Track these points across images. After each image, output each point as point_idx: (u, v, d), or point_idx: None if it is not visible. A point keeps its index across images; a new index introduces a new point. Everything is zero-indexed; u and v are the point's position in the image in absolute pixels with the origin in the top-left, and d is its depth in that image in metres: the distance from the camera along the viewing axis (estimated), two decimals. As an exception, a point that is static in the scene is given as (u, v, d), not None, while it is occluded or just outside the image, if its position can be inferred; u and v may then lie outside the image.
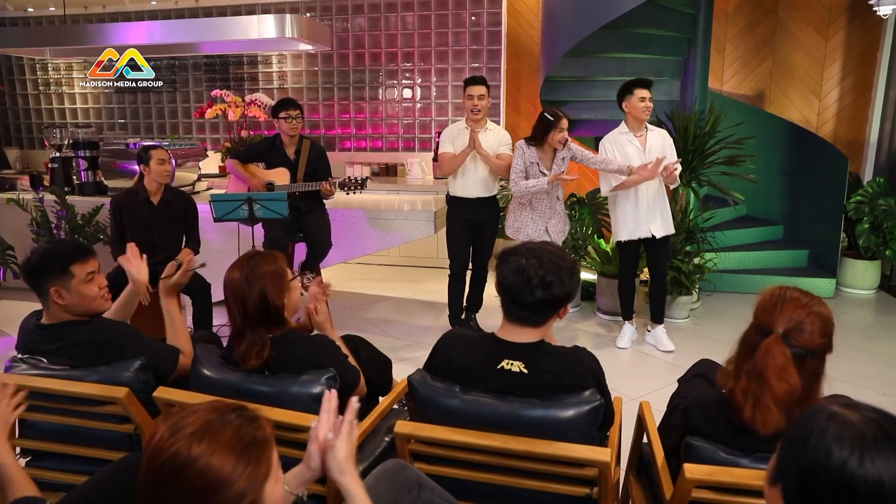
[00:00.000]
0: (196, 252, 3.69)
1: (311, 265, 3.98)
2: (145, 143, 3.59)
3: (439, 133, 6.08)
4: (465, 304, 4.22)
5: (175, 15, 6.38)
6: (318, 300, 2.06)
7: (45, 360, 1.91)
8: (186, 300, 3.60)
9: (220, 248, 4.46)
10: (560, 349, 1.66)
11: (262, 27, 4.35)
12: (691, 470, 1.42)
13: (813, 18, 5.62)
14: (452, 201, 3.95)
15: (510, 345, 1.62)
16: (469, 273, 4.14)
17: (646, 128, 3.72)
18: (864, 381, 3.49)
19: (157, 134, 6.73)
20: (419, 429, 1.60)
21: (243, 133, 6.26)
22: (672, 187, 3.89)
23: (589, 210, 4.76)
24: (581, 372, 1.62)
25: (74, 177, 4.86)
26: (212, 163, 6.16)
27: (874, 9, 4.87)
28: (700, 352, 3.99)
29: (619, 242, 3.87)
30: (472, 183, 3.87)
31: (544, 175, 3.66)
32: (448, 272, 4.08)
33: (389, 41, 6.23)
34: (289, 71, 6.47)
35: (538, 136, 3.66)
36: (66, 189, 4.74)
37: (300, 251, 4.23)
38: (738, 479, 1.40)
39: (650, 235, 3.73)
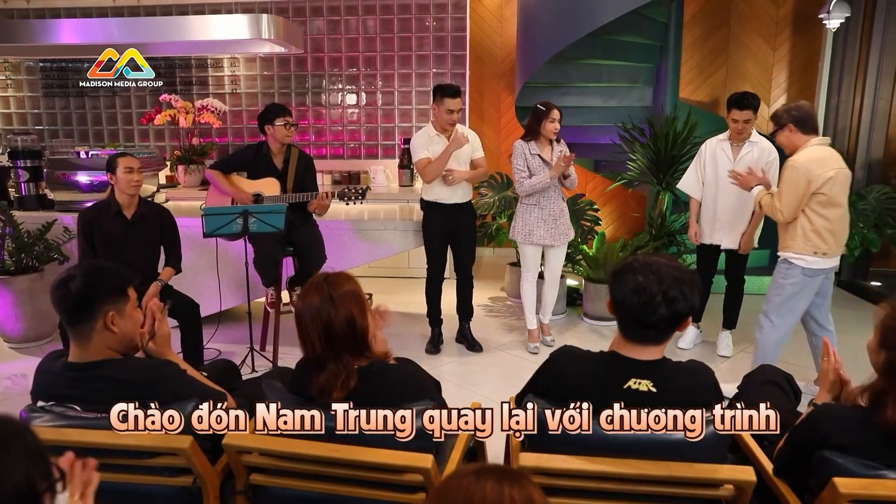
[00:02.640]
0: (178, 270, 3.37)
1: (302, 281, 3.72)
2: (115, 152, 3.23)
3: (405, 140, 5.94)
4: (456, 313, 4.11)
5: (112, 13, 5.86)
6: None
7: (77, 408, 1.62)
8: (171, 321, 3.26)
9: (190, 265, 4.09)
10: (681, 365, 1.58)
11: (234, 27, 4.04)
12: (844, 484, 1.37)
13: (762, 29, 5.92)
14: (428, 206, 3.85)
15: (635, 363, 1.53)
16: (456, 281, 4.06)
17: (749, 140, 3.64)
18: (855, 375, 3.60)
19: (93, 142, 6.15)
20: (548, 460, 1.47)
21: (194, 140, 5.83)
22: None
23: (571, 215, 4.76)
24: (707, 387, 1.55)
25: (12, 189, 4.34)
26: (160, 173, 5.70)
27: (823, 22, 5.20)
28: (692, 351, 4.10)
29: (697, 246, 3.95)
30: (451, 189, 3.78)
31: (546, 163, 3.66)
32: (426, 277, 3.97)
33: (350, 45, 6.01)
34: (242, 75, 6.10)
35: (533, 127, 3.70)
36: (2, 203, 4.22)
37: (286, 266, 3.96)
38: (893, 491, 1.37)
39: (718, 244, 3.78)
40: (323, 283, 1.59)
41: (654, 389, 1.51)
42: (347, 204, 3.54)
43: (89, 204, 4.21)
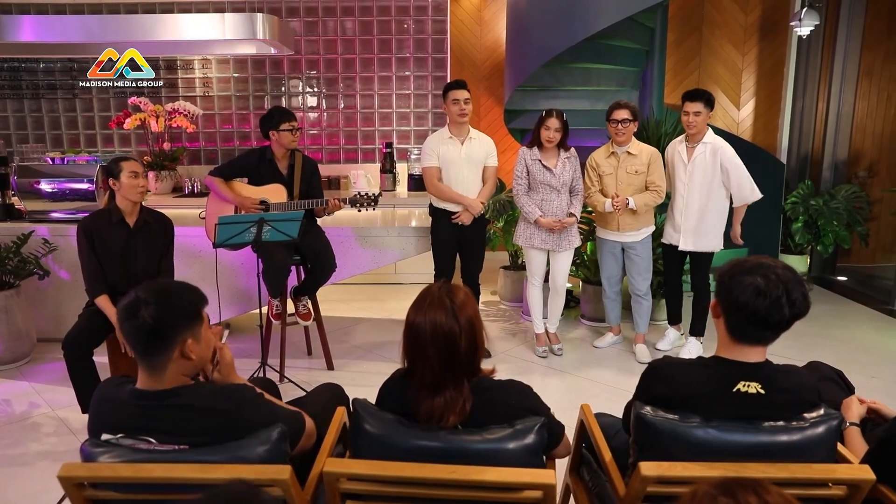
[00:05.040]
0: None
1: (310, 290, 3.58)
2: (116, 156, 3.00)
3: (386, 144, 5.84)
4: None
5: (71, 10, 5.51)
6: None
7: (152, 440, 1.47)
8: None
9: (181, 276, 3.87)
10: (782, 367, 1.58)
11: (228, 26, 3.85)
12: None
13: (731, 35, 6.14)
14: (437, 213, 3.79)
15: (743, 365, 1.53)
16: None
17: (702, 140, 3.67)
18: (849, 367, 3.71)
19: (50, 147, 5.76)
20: (669, 469, 1.43)
21: (166, 146, 5.54)
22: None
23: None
24: (810, 387, 1.56)
25: (-24, 200, 3.99)
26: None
27: (795, 29, 5.43)
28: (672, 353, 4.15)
29: (662, 245, 3.94)
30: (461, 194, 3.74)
31: (546, 169, 3.66)
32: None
33: (328, 47, 5.86)
34: (214, 77, 5.85)
35: (534, 133, 3.71)
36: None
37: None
38: None
39: (678, 245, 3.78)
40: (444, 295, 1.49)
41: (762, 391, 1.50)
42: (360, 210, 3.42)
43: (56, 213, 3.97)
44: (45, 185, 3.96)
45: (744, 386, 1.51)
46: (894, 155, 5.91)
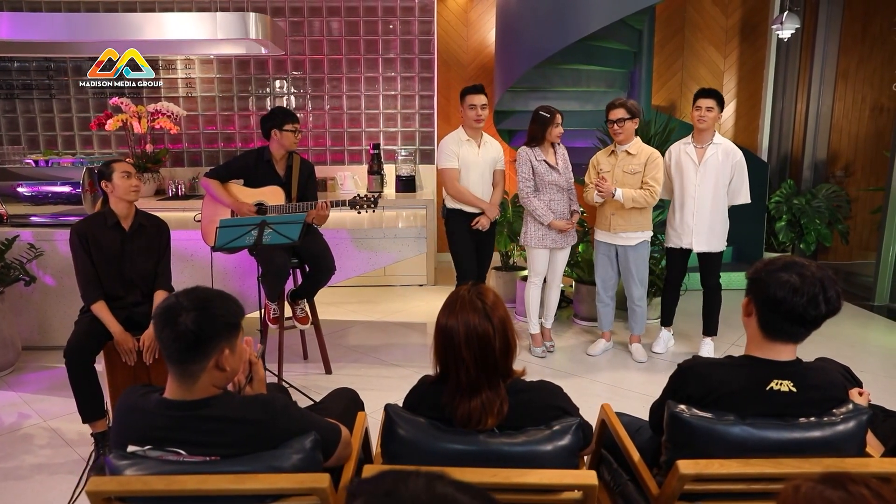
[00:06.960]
0: (169, 290, 3.07)
1: (309, 293, 3.52)
2: (105, 159, 2.91)
3: (373, 145, 5.80)
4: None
5: (48, 7, 5.35)
6: None
7: (181, 452, 1.42)
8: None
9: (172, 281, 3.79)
10: (812, 364, 1.61)
11: (220, 26, 3.77)
12: None
13: (713, 38, 6.25)
14: (452, 213, 3.80)
15: (775, 364, 1.55)
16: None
17: (712, 141, 3.66)
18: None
19: (28, 149, 5.57)
20: (706, 466, 1.44)
21: (148, 147, 5.41)
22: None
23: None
24: (839, 383, 1.59)
25: (-46, 205, 3.84)
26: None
27: (776, 32, 5.55)
28: (667, 355, 4.18)
29: (666, 248, 3.93)
30: (477, 195, 3.77)
31: (553, 168, 3.69)
32: (457, 285, 3.88)
33: (314, 47, 5.79)
34: (197, 78, 5.73)
35: (538, 135, 3.69)
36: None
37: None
38: None
39: (690, 248, 3.77)
40: (474, 297, 1.48)
41: (794, 389, 1.53)
42: (360, 212, 3.38)
43: (37, 217, 3.84)
44: (27, 189, 3.84)
45: (777, 384, 1.53)
46: (869, 155, 6.09)
